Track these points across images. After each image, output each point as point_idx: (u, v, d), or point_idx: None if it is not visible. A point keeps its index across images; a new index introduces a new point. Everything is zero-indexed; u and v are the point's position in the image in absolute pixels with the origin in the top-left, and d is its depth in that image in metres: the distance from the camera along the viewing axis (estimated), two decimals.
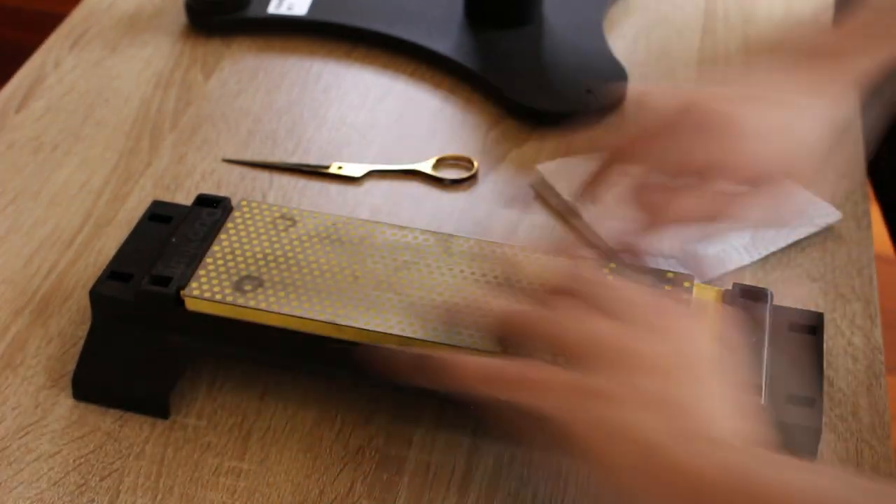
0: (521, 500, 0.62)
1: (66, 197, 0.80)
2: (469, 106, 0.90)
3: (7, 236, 0.77)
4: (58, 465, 0.63)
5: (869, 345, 0.70)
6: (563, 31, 0.95)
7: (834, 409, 0.66)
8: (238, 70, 0.93)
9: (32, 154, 0.84)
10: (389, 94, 0.91)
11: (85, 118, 0.88)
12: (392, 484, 0.62)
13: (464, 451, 0.64)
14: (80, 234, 0.77)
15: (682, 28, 1.00)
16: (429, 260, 0.64)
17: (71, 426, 0.65)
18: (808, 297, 0.73)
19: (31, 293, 0.73)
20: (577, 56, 0.92)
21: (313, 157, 0.84)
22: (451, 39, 0.94)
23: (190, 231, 0.66)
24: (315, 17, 0.96)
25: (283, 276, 0.63)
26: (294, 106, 0.90)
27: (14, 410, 0.66)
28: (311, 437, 0.65)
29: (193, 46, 0.96)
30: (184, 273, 0.63)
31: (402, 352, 0.56)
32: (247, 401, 0.66)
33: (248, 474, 0.63)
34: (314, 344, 0.62)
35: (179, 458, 0.63)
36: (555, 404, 0.50)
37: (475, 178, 0.83)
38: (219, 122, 0.87)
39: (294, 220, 0.67)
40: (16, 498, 0.61)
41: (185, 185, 0.81)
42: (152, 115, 0.88)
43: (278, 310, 0.61)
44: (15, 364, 0.68)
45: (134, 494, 0.61)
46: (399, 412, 0.66)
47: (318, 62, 0.95)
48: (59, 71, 0.93)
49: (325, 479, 0.62)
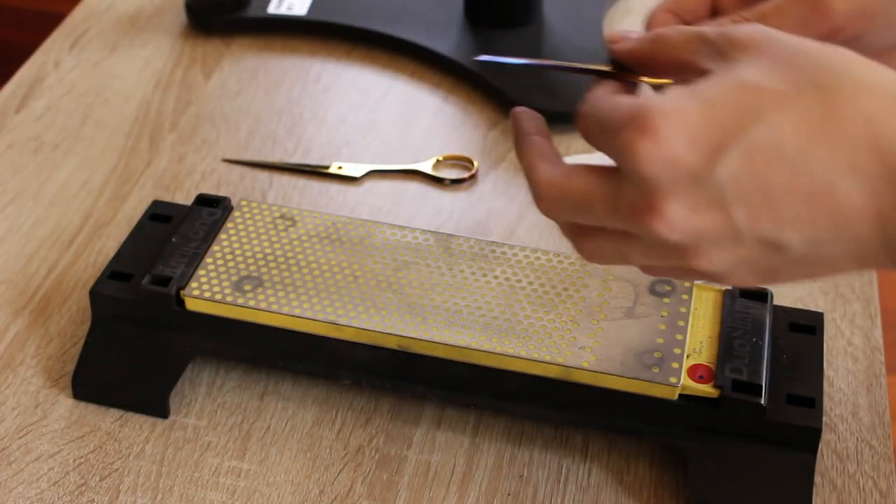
0: (521, 500, 0.62)
1: (66, 197, 0.80)
2: (469, 106, 0.90)
3: (7, 236, 0.77)
4: (58, 465, 0.63)
5: (869, 345, 0.70)
6: (563, 31, 0.95)
7: (834, 409, 0.66)
8: (238, 70, 0.93)
9: (32, 154, 0.84)
10: (389, 94, 0.91)
11: (85, 118, 0.88)
12: (392, 484, 0.62)
13: (464, 451, 0.64)
14: (80, 234, 0.77)
15: None
16: (429, 260, 0.64)
17: (71, 426, 0.65)
18: (808, 297, 0.73)
19: (30, 293, 0.73)
20: (577, 56, 0.92)
21: (313, 157, 0.84)
22: (451, 39, 0.94)
23: (190, 231, 0.66)
24: (315, 17, 0.96)
25: (283, 276, 0.63)
26: (294, 106, 0.90)
27: (14, 410, 0.66)
28: (311, 437, 0.65)
29: (193, 46, 0.96)
30: (184, 273, 0.63)
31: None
32: (247, 401, 0.66)
33: (248, 474, 0.63)
34: (314, 344, 0.62)
35: (179, 458, 0.63)
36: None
37: (475, 178, 0.83)
38: (219, 122, 0.87)
39: (294, 220, 0.67)
40: (16, 498, 0.61)
41: (185, 185, 0.81)
42: (152, 115, 0.88)
43: (278, 310, 0.61)
44: (15, 364, 0.68)
45: (134, 494, 0.61)
46: (399, 412, 0.66)
47: (317, 62, 0.95)
48: (58, 71, 0.93)
49: (325, 479, 0.62)
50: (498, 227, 0.78)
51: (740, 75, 0.44)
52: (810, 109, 0.43)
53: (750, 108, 0.43)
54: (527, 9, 0.95)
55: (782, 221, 0.44)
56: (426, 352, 0.60)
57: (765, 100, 0.44)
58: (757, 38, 0.46)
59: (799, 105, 0.43)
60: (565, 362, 0.59)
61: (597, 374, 0.58)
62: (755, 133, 0.43)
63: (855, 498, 0.62)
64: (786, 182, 0.43)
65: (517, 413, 0.64)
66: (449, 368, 0.60)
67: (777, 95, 0.44)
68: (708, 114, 0.44)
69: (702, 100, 0.44)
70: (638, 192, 0.45)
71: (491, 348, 0.59)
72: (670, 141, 0.43)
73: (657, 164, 0.44)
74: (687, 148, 0.43)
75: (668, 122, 0.44)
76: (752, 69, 0.45)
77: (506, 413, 0.65)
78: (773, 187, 0.44)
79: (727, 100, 0.44)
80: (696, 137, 0.43)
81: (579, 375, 0.59)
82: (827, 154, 0.43)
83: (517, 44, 0.93)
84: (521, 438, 0.64)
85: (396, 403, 0.66)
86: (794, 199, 0.44)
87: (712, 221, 0.45)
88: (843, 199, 0.43)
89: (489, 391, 0.61)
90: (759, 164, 0.43)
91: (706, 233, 0.45)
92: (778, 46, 0.45)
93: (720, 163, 0.43)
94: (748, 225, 0.44)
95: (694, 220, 0.45)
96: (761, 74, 0.44)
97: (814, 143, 0.43)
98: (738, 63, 0.45)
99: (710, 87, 0.44)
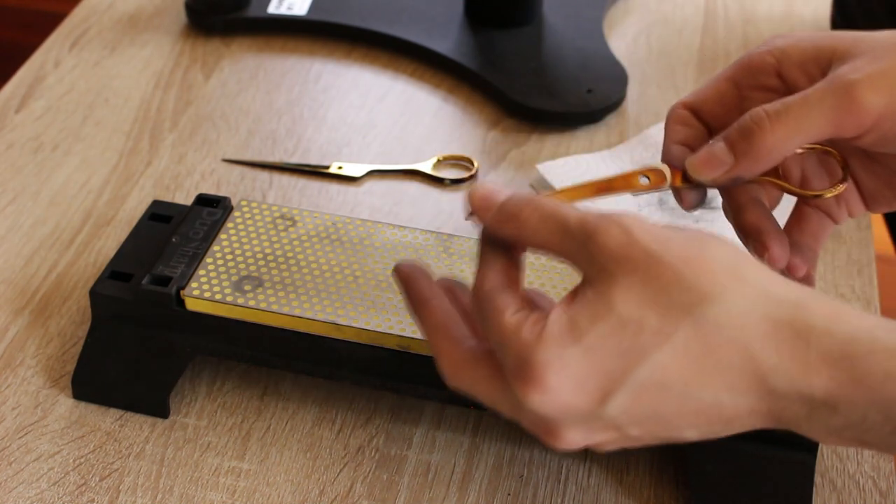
0: (521, 500, 0.62)
1: (66, 197, 0.80)
2: (469, 106, 0.90)
3: (7, 236, 0.77)
4: (58, 465, 0.63)
5: None
6: (563, 31, 0.95)
7: None
8: (238, 70, 0.93)
9: (32, 154, 0.84)
10: (389, 94, 0.91)
11: (85, 118, 0.88)
12: (392, 484, 0.62)
13: (464, 451, 0.64)
14: (80, 234, 0.77)
15: (682, 28, 1.00)
16: (429, 260, 0.64)
17: (71, 426, 0.65)
18: None
19: (30, 293, 0.73)
20: (577, 56, 0.92)
21: (313, 157, 0.84)
22: (451, 39, 0.94)
23: (190, 231, 0.66)
24: (315, 17, 0.96)
25: (283, 276, 0.63)
26: (294, 106, 0.90)
27: (14, 410, 0.66)
28: (311, 437, 0.65)
29: (193, 46, 0.96)
30: (184, 273, 0.63)
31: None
32: (247, 401, 0.66)
33: (248, 474, 0.63)
34: (314, 344, 0.62)
35: (179, 458, 0.63)
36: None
37: (475, 178, 0.83)
38: (219, 122, 0.87)
39: (294, 219, 0.67)
40: (16, 498, 0.61)
41: (185, 185, 0.81)
42: (152, 115, 0.88)
43: (278, 310, 0.61)
44: (15, 364, 0.68)
45: (134, 494, 0.61)
46: (399, 412, 0.66)
47: (317, 62, 0.95)
48: (58, 71, 0.93)
49: (325, 479, 0.62)
50: None
51: (617, 310, 0.45)
52: (687, 342, 0.45)
53: (631, 349, 0.45)
54: (527, 9, 0.95)
55: (678, 428, 0.47)
56: (426, 352, 0.60)
57: (643, 338, 0.45)
58: (624, 247, 0.46)
59: (676, 339, 0.45)
60: None
61: None
62: (639, 374, 0.45)
63: (855, 498, 0.62)
64: (675, 408, 0.46)
65: None
66: None
67: (654, 332, 0.45)
68: (592, 361, 0.45)
69: (584, 346, 0.45)
70: (536, 421, 0.48)
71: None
72: (558, 391, 0.46)
73: (549, 408, 0.46)
74: (575, 394, 0.46)
75: (553, 373, 0.46)
76: (625, 297, 0.45)
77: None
78: (663, 413, 0.46)
79: (608, 343, 0.45)
80: (583, 384, 0.46)
81: None
82: (709, 382, 0.45)
83: (517, 44, 0.93)
84: (521, 438, 0.64)
85: (396, 403, 0.66)
86: (685, 416, 0.46)
87: (609, 437, 0.48)
88: (731, 412, 0.46)
89: None
90: (647, 399, 0.46)
91: (605, 443, 0.49)
92: (642, 261, 0.46)
93: (609, 403, 0.46)
94: (645, 435, 0.48)
95: (591, 439, 0.48)
96: (635, 306, 0.45)
97: (695, 374, 0.45)
98: (612, 285, 0.46)
99: (590, 329, 0.46)
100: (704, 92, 0.57)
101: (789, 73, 0.55)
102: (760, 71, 0.55)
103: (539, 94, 0.88)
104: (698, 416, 0.46)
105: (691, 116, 0.57)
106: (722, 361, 0.45)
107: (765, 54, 0.55)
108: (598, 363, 0.45)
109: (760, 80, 0.55)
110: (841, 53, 0.53)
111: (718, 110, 0.56)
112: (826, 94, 0.51)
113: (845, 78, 0.51)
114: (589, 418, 0.46)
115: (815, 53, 0.54)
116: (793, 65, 0.54)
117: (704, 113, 0.57)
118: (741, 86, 0.56)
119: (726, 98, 0.56)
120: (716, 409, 0.46)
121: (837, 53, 0.53)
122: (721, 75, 0.57)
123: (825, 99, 0.51)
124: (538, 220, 0.48)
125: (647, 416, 0.46)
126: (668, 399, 0.46)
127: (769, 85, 0.55)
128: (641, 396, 0.45)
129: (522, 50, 0.93)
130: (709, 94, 0.57)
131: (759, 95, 0.55)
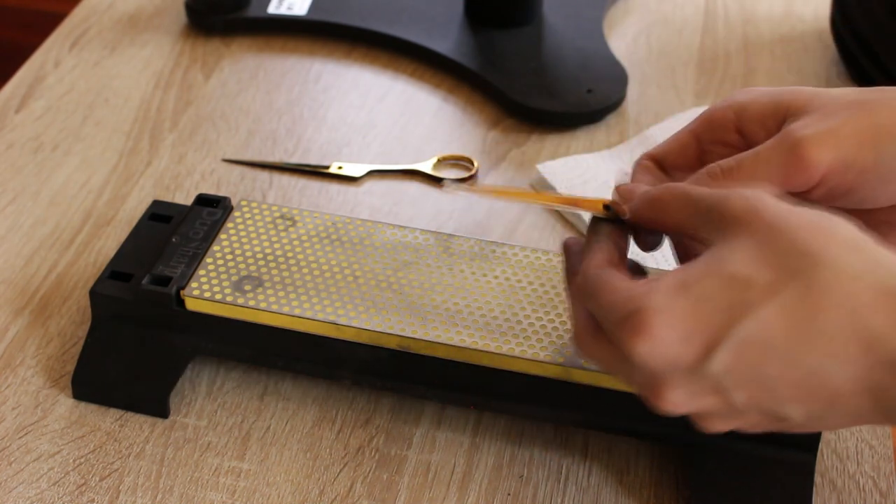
0: (521, 500, 0.62)
1: (66, 197, 0.80)
2: (469, 106, 0.90)
3: (7, 236, 0.77)
4: (58, 465, 0.63)
5: None
6: (563, 31, 0.95)
7: None
8: (238, 70, 0.93)
9: (32, 154, 0.84)
10: (389, 94, 0.91)
11: (85, 118, 0.88)
12: (392, 484, 0.62)
13: (464, 451, 0.64)
14: (80, 234, 0.77)
15: (682, 28, 1.00)
16: (429, 260, 0.64)
17: (71, 426, 0.65)
18: None
19: (30, 293, 0.73)
20: (577, 56, 0.92)
21: (313, 157, 0.84)
22: (451, 39, 0.94)
23: (190, 231, 0.66)
24: (315, 17, 0.96)
25: (283, 276, 0.63)
26: (294, 106, 0.90)
27: (14, 410, 0.66)
28: (311, 437, 0.65)
29: (193, 46, 0.96)
30: (184, 273, 0.63)
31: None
32: (247, 401, 0.66)
33: (248, 474, 0.63)
34: (314, 344, 0.62)
35: (179, 458, 0.63)
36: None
37: (475, 178, 0.83)
38: (219, 122, 0.87)
39: (294, 219, 0.67)
40: (16, 498, 0.61)
41: (185, 185, 0.81)
42: (152, 115, 0.88)
43: (278, 310, 0.61)
44: (15, 364, 0.68)
45: (134, 494, 0.61)
46: (399, 412, 0.66)
47: (317, 62, 0.95)
48: (58, 71, 0.93)
49: (325, 479, 0.62)
50: (498, 227, 0.78)
51: (728, 267, 0.46)
52: (795, 302, 0.45)
53: (737, 303, 0.45)
54: (527, 9, 0.95)
55: (781, 400, 0.46)
56: (426, 352, 0.60)
57: (751, 294, 0.45)
58: (748, 212, 0.47)
59: (784, 297, 0.45)
60: (565, 362, 0.59)
61: (597, 374, 0.58)
62: (744, 329, 0.45)
63: (855, 498, 0.62)
64: (778, 372, 0.46)
65: (517, 413, 0.64)
66: (449, 368, 0.60)
67: (762, 289, 0.45)
68: (698, 312, 0.46)
69: (692, 298, 0.46)
70: (644, 376, 0.48)
71: (491, 348, 0.59)
72: (665, 340, 0.46)
73: (655, 359, 0.46)
74: (680, 346, 0.46)
75: (661, 321, 0.46)
76: (739, 256, 0.46)
77: (506, 413, 0.65)
78: (766, 376, 0.46)
79: (716, 296, 0.46)
80: (689, 336, 0.46)
81: (579, 375, 0.59)
82: (814, 346, 0.45)
83: (517, 44, 0.93)
84: (521, 438, 0.65)
85: (396, 403, 0.66)
86: (789, 385, 0.46)
87: (713, 403, 0.48)
88: (835, 384, 0.45)
89: (489, 391, 0.61)
90: (750, 358, 0.46)
91: (710, 410, 0.48)
92: (764, 223, 0.46)
93: (713, 358, 0.46)
94: (749, 403, 0.47)
95: (695, 403, 0.48)
96: (747, 264, 0.46)
97: (801, 335, 0.45)
98: (728, 244, 0.47)
99: (699, 282, 0.46)
100: (669, 144, 0.59)
101: (748, 127, 0.56)
102: (720, 127, 0.57)
103: (539, 94, 0.88)
104: (801, 387, 0.46)
105: (655, 167, 0.59)
106: (829, 326, 0.44)
107: (726, 109, 0.57)
108: (705, 316, 0.46)
109: (720, 135, 0.57)
110: (795, 109, 0.54)
111: (681, 162, 0.58)
112: (775, 150, 0.52)
113: (794, 135, 0.52)
114: (692, 375, 0.46)
115: (773, 109, 0.55)
116: (752, 120, 0.56)
117: (668, 164, 0.59)
118: (702, 140, 0.58)
119: (688, 151, 0.58)
120: (819, 378, 0.45)
121: (792, 109, 0.54)
122: (685, 129, 0.59)
123: (774, 155, 0.52)
124: (671, 198, 0.51)
125: (749, 379, 0.46)
126: (772, 360, 0.45)
127: (728, 140, 0.57)
128: (744, 353, 0.45)
129: (522, 50, 0.93)
130: (672, 147, 0.59)
131: (720, 150, 0.57)
